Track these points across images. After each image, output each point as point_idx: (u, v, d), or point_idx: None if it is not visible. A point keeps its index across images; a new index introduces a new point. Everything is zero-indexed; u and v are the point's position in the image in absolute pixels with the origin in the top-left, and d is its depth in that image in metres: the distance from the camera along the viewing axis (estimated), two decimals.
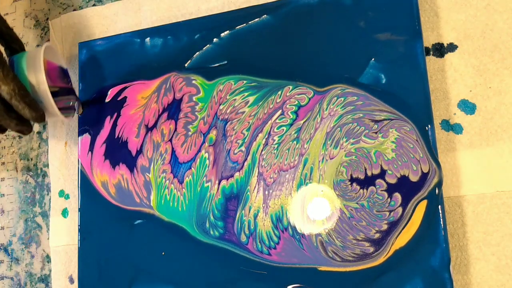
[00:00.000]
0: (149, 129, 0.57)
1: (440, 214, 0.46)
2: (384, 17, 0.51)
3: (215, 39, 0.56)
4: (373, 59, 0.51)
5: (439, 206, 0.46)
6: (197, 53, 0.57)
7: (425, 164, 0.47)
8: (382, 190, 0.48)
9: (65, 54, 0.66)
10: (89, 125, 0.60)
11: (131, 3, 0.63)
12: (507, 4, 0.50)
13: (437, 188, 0.47)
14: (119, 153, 0.58)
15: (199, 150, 0.55)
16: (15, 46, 0.56)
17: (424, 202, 0.47)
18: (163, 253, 0.55)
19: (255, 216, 0.52)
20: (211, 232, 0.53)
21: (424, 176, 0.47)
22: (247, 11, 0.55)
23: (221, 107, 0.55)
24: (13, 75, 0.50)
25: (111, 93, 0.60)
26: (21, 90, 0.50)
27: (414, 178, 0.47)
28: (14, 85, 0.50)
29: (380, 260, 0.48)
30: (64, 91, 0.57)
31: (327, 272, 0.49)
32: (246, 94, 0.54)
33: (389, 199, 0.48)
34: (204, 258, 0.53)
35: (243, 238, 0.52)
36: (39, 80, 0.52)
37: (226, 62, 0.56)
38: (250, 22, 0.55)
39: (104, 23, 0.65)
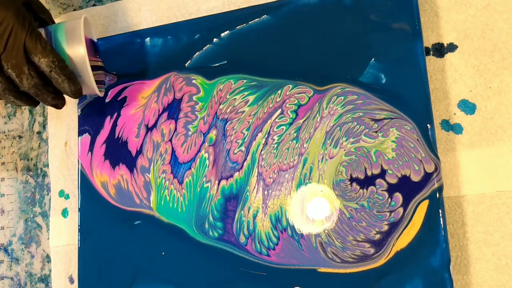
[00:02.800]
0: (149, 129, 0.57)
1: (440, 214, 0.46)
2: (384, 17, 0.51)
3: (215, 39, 0.56)
4: (373, 59, 0.51)
5: (440, 206, 0.46)
6: (197, 53, 0.57)
7: (428, 164, 0.47)
8: (382, 190, 0.48)
9: None
10: (89, 125, 0.60)
11: (131, 3, 0.63)
12: (507, 4, 0.50)
13: (438, 189, 0.46)
14: (119, 153, 0.58)
15: (199, 150, 0.55)
16: (44, 16, 0.54)
17: (426, 202, 0.47)
18: (163, 253, 0.54)
19: (254, 217, 0.52)
20: (210, 233, 0.53)
21: (426, 176, 0.47)
22: (247, 11, 0.55)
23: (221, 106, 0.55)
24: (51, 47, 0.49)
25: (111, 93, 0.60)
26: (60, 63, 0.49)
27: (415, 178, 0.47)
28: (54, 57, 0.49)
29: (381, 261, 0.47)
30: (95, 65, 0.56)
31: (327, 273, 0.49)
32: (246, 93, 0.54)
33: (389, 199, 0.48)
34: (203, 259, 0.53)
35: (242, 239, 0.52)
36: (79, 53, 0.50)
37: (226, 62, 0.56)
38: (250, 22, 0.55)
39: (104, 23, 0.65)
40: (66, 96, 0.55)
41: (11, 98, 0.51)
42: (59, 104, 0.53)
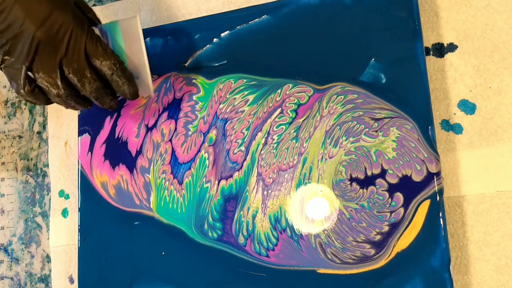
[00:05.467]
0: (149, 129, 0.57)
1: (441, 214, 0.46)
2: (384, 17, 0.51)
3: (215, 39, 0.56)
4: (373, 59, 0.50)
5: (441, 206, 0.46)
6: (197, 53, 0.57)
7: (431, 164, 0.47)
8: (382, 190, 0.48)
9: None
10: (89, 125, 0.60)
11: (131, 3, 0.64)
12: (507, 4, 0.50)
13: (439, 189, 0.46)
14: (119, 154, 0.58)
15: (199, 150, 0.55)
16: (91, 16, 0.52)
17: (427, 203, 0.46)
18: (163, 253, 0.54)
19: (254, 217, 0.52)
20: (210, 234, 0.53)
21: (428, 176, 0.47)
22: (247, 11, 0.55)
23: (221, 106, 0.55)
24: (111, 49, 0.48)
25: None
26: (121, 65, 0.48)
27: (417, 178, 0.47)
28: (115, 60, 0.48)
29: (382, 262, 0.47)
30: None
31: (327, 274, 0.49)
32: (246, 93, 0.54)
33: (390, 200, 0.48)
34: (203, 260, 0.53)
35: (241, 240, 0.52)
36: (138, 55, 0.49)
37: (226, 61, 0.56)
38: (250, 22, 0.55)
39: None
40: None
41: (72, 103, 0.50)
42: (114, 105, 0.52)
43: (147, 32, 0.59)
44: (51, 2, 0.46)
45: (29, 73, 0.47)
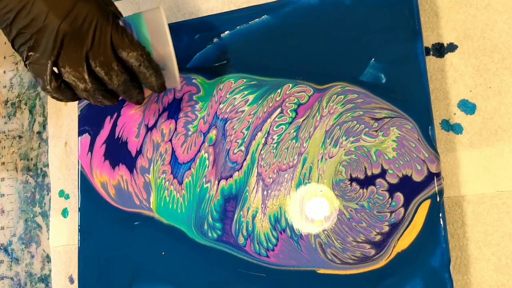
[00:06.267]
0: (149, 129, 0.57)
1: (441, 214, 0.46)
2: (384, 17, 0.51)
3: (215, 39, 0.56)
4: (373, 59, 0.50)
5: (441, 206, 0.46)
6: (197, 53, 0.57)
7: (432, 164, 0.47)
8: (382, 190, 0.48)
9: None
10: (89, 125, 0.60)
11: (131, 3, 0.64)
12: (507, 4, 0.50)
13: (439, 189, 0.46)
14: (119, 154, 0.58)
15: (199, 150, 0.55)
16: (113, 9, 0.49)
17: (427, 203, 0.46)
18: (163, 253, 0.54)
19: (253, 217, 0.52)
20: (209, 234, 0.53)
21: (429, 176, 0.47)
22: (247, 11, 0.56)
23: (221, 106, 0.55)
24: (137, 40, 0.47)
25: None
26: (148, 56, 0.47)
27: (417, 178, 0.47)
28: (141, 51, 0.46)
29: (382, 263, 0.47)
30: None
31: (327, 275, 0.49)
32: (246, 92, 0.54)
33: (390, 200, 0.48)
34: (203, 260, 0.53)
35: (241, 240, 0.52)
36: (164, 45, 0.48)
37: (226, 61, 0.56)
38: (250, 22, 0.55)
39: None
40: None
41: (99, 98, 0.48)
42: (141, 99, 0.50)
43: None
44: None
45: (54, 68, 0.46)
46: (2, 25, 0.45)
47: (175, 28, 0.58)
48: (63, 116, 0.65)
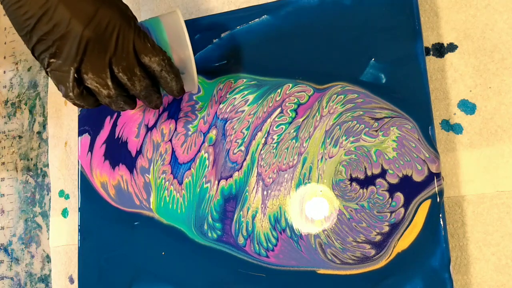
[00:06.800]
0: (149, 129, 0.57)
1: (441, 214, 0.46)
2: (384, 17, 0.51)
3: (215, 39, 0.56)
4: (373, 59, 0.50)
5: (441, 206, 0.46)
6: (198, 53, 0.57)
7: (432, 164, 0.47)
8: (383, 190, 0.48)
9: None
10: (89, 125, 0.60)
11: (131, 3, 0.64)
12: (507, 4, 0.49)
13: (439, 188, 0.46)
14: (118, 154, 0.58)
15: (199, 150, 0.55)
16: (129, 13, 0.48)
17: (427, 203, 0.46)
18: (163, 253, 0.54)
19: (253, 217, 0.52)
20: (209, 234, 0.53)
21: (429, 176, 0.47)
22: (247, 11, 0.55)
23: (221, 106, 0.55)
24: (158, 45, 0.46)
25: None
26: (169, 60, 0.46)
27: (418, 178, 0.47)
28: (163, 55, 0.46)
29: (382, 263, 0.47)
30: None
31: (326, 275, 0.49)
32: (246, 92, 0.54)
33: (390, 200, 0.48)
34: (203, 260, 0.53)
35: (241, 240, 0.52)
36: (184, 49, 0.47)
37: (226, 62, 0.55)
38: (250, 22, 0.55)
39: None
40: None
41: (121, 104, 0.47)
42: (159, 104, 0.50)
43: None
44: None
45: (76, 74, 0.45)
46: (22, 32, 0.44)
47: None
48: (63, 116, 0.65)
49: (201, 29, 0.57)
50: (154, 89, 0.48)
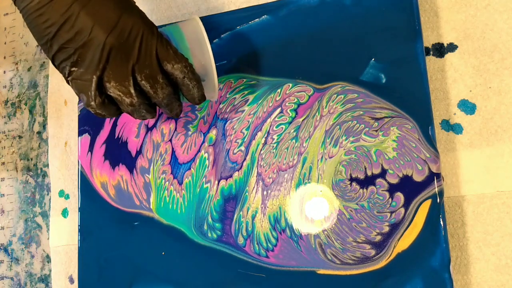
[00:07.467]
0: (149, 129, 0.57)
1: (441, 214, 0.46)
2: (384, 17, 0.51)
3: (215, 39, 0.56)
4: (373, 59, 0.50)
5: (441, 206, 0.46)
6: None
7: (433, 164, 0.47)
8: (383, 190, 0.48)
9: None
10: (89, 125, 0.60)
11: None
12: (507, 4, 0.49)
13: (439, 188, 0.46)
14: (118, 154, 0.58)
15: (199, 150, 0.55)
16: (150, 20, 0.48)
17: (428, 203, 0.46)
18: (163, 253, 0.54)
19: (253, 217, 0.52)
20: (209, 234, 0.53)
21: (430, 176, 0.47)
22: (247, 11, 0.55)
23: (221, 106, 0.55)
24: (180, 52, 0.45)
25: None
26: (191, 67, 0.45)
27: (418, 178, 0.47)
28: (185, 62, 0.45)
29: (382, 263, 0.47)
30: None
31: (326, 275, 0.48)
32: (246, 92, 0.54)
33: (390, 200, 0.48)
34: (203, 260, 0.53)
35: (241, 240, 0.52)
36: (205, 56, 0.47)
37: (225, 62, 0.55)
38: (250, 22, 0.55)
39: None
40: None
41: (143, 112, 0.46)
42: (179, 112, 0.49)
43: None
44: (119, 5, 0.43)
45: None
46: (42, 40, 0.43)
47: None
48: (63, 116, 0.65)
49: None
50: (176, 96, 0.47)
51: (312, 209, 0.50)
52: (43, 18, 0.42)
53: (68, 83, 0.45)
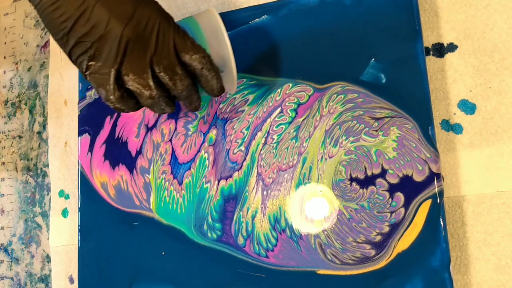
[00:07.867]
0: (149, 129, 0.57)
1: (441, 214, 0.46)
2: (384, 17, 0.51)
3: None
4: (373, 59, 0.50)
5: (441, 206, 0.46)
6: None
7: (433, 164, 0.47)
8: (383, 190, 0.48)
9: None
10: (89, 125, 0.60)
11: None
12: (507, 4, 0.49)
13: (440, 188, 0.46)
14: (118, 154, 0.58)
15: (199, 150, 0.55)
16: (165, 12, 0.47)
17: (428, 203, 0.46)
18: (163, 253, 0.54)
19: (253, 217, 0.52)
20: (209, 235, 0.53)
21: (430, 176, 0.47)
22: (247, 11, 0.55)
23: (221, 106, 0.55)
24: (198, 43, 0.45)
25: None
26: (209, 58, 0.45)
27: (418, 178, 0.47)
28: (203, 53, 0.44)
29: (382, 263, 0.47)
30: None
31: (326, 275, 0.48)
32: (246, 92, 0.54)
33: (390, 200, 0.48)
34: (203, 260, 0.53)
35: (241, 240, 0.52)
36: (223, 46, 0.46)
37: None
38: (250, 22, 0.55)
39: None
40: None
41: (162, 105, 0.45)
42: (198, 105, 0.48)
43: None
44: None
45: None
46: (58, 35, 0.42)
47: None
48: (63, 116, 0.65)
49: None
50: (195, 88, 0.46)
51: (312, 209, 0.50)
52: (58, 13, 0.41)
53: (86, 78, 0.44)
